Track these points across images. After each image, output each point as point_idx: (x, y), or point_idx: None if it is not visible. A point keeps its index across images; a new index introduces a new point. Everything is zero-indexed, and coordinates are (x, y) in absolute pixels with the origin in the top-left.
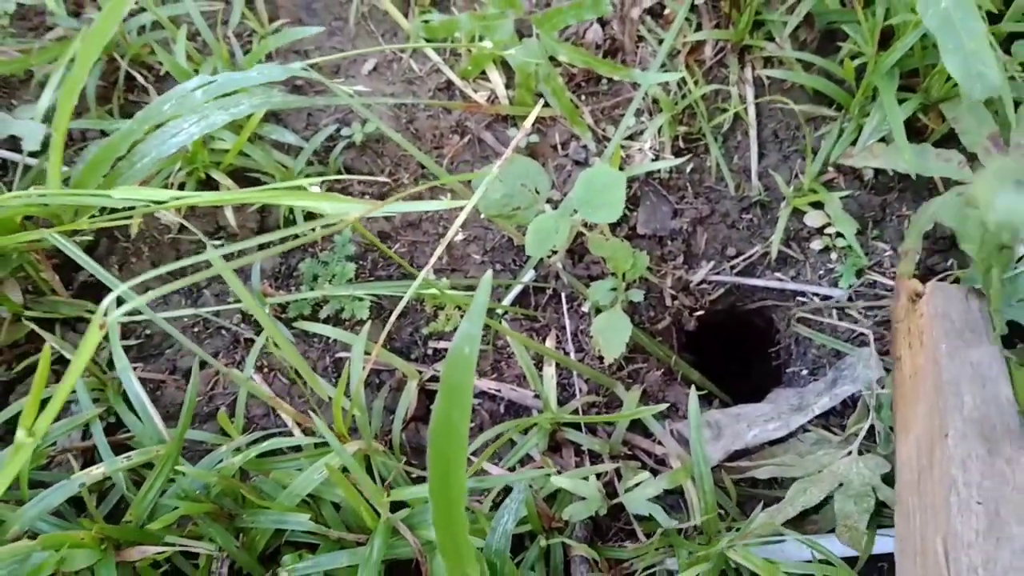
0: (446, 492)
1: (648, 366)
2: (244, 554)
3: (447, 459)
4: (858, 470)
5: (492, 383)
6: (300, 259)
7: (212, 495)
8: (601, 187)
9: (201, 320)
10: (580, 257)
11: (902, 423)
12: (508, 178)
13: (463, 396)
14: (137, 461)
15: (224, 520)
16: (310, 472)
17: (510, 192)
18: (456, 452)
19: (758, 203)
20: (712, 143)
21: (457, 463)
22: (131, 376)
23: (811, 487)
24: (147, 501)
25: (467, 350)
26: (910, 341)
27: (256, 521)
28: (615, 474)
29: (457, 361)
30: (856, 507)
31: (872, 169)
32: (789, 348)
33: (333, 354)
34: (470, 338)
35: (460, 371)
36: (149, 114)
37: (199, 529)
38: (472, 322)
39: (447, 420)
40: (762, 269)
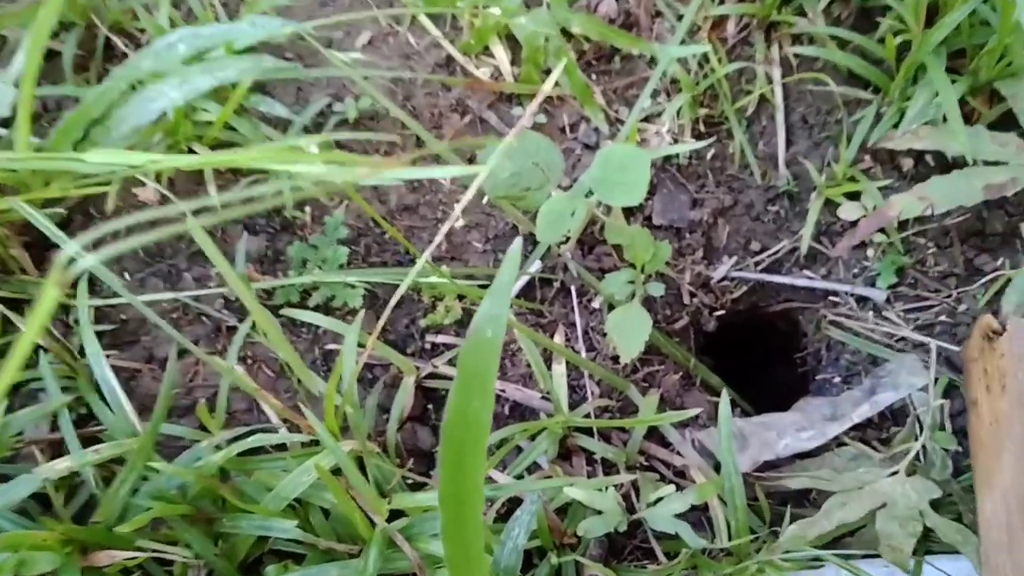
0: (460, 499)
1: (665, 369)
2: (223, 562)
3: (463, 460)
4: (904, 492)
5: (496, 382)
6: (288, 242)
7: (189, 496)
8: (621, 166)
9: (181, 305)
10: (590, 248)
11: (983, 475)
12: (517, 156)
13: (485, 386)
14: (106, 456)
15: (202, 524)
16: (298, 474)
17: (519, 171)
18: (474, 453)
19: (786, 193)
20: (736, 127)
21: (475, 465)
22: (103, 362)
23: (850, 502)
24: (117, 500)
25: (490, 332)
26: (988, 384)
27: (237, 526)
28: (632, 486)
29: (478, 345)
30: (901, 529)
31: (911, 159)
32: (819, 353)
33: (322, 346)
34: (494, 319)
35: (482, 357)
36: (127, 71)
37: (174, 533)
38: (496, 300)
39: (465, 414)
40: (789, 266)
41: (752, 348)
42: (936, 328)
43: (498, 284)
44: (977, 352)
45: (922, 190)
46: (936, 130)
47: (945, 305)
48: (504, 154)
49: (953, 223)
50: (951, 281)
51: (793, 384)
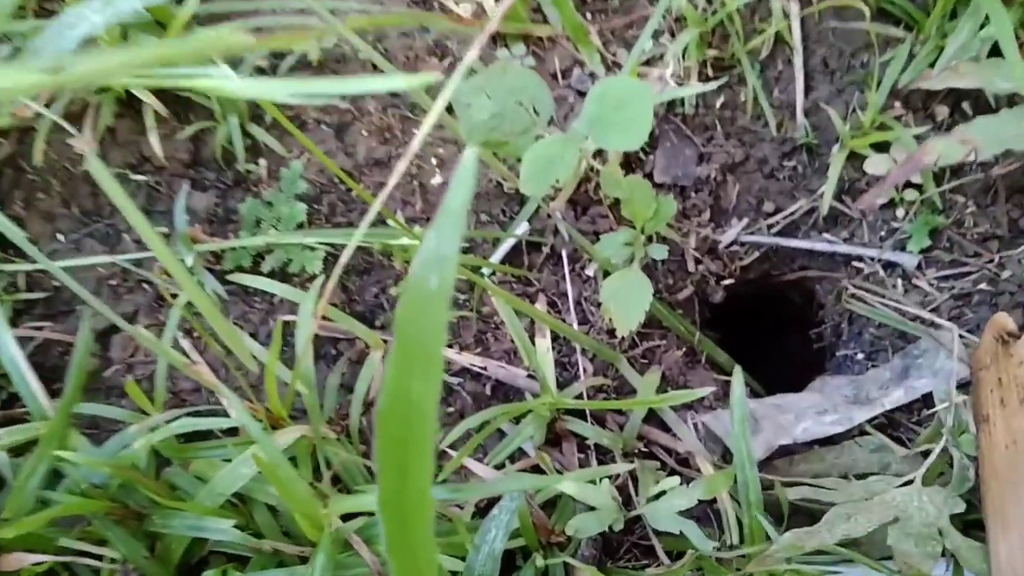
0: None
1: (666, 345)
2: (155, 566)
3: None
4: (920, 505)
5: (476, 358)
6: (241, 199)
7: (112, 490)
8: (620, 103)
9: (120, 271)
10: (584, 209)
11: (997, 509)
12: (498, 93)
13: (430, 357)
14: (10, 441)
15: (131, 522)
16: (237, 465)
17: (500, 111)
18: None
19: (804, 147)
20: (748, 70)
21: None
22: (4, 333)
23: (857, 515)
24: (27, 494)
25: (434, 281)
26: (1003, 396)
27: (168, 525)
28: (629, 477)
29: (420, 301)
30: (918, 548)
31: (947, 107)
32: (839, 327)
33: (278, 317)
34: (439, 260)
35: (425, 317)
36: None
37: (98, 531)
38: (444, 233)
39: (405, 396)
40: (807, 229)
41: (763, 322)
42: (974, 298)
43: (446, 209)
44: (989, 358)
45: (964, 132)
46: (980, 66)
47: (986, 271)
48: (482, 90)
49: (997, 175)
50: (993, 244)
51: (809, 362)
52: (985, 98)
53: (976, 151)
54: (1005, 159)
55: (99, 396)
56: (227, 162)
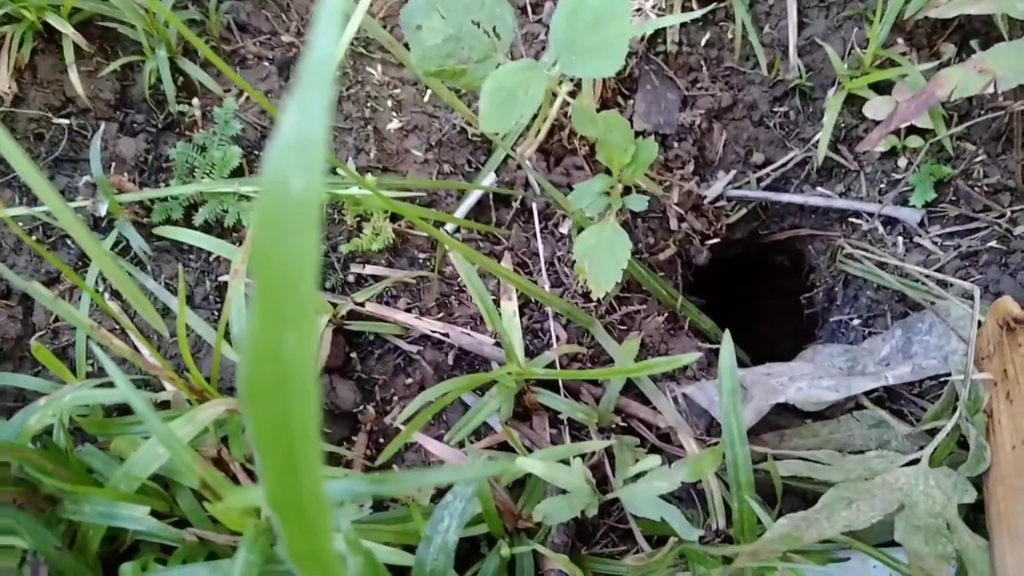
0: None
1: (647, 310)
2: (70, 558)
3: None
4: (926, 489)
5: (437, 324)
6: (173, 144)
7: (14, 470)
8: (593, 19)
9: (40, 224)
10: (557, 160)
11: (1003, 519)
12: (453, 13)
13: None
14: None
15: (42, 506)
16: (155, 443)
17: (456, 35)
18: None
19: (797, 89)
20: (737, 3)
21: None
22: None
23: (859, 500)
24: None
25: (298, 181)
26: (1009, 391)
27: (79, 512)
28: (605, 454)
29: (278, 211)
30: (930, 549)
31: (954, 45)
32: (832, 291)
33: (216, 277)
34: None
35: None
36: None
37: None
38: (308, 106)
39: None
40: (799, 182)
41: (751, 286)
42: (983, 257)
43: (310, 70)
44: (992, 348)
45: (982, 60)
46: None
47: (996, 228)
48: (434, 8)
49: (1016, 112)
50: (1004, 197)
51: (799, 329)
52: (995, 36)
53: (996, 82)
54: (1020, 99)
55: (25, 366)
56: (157, 103)
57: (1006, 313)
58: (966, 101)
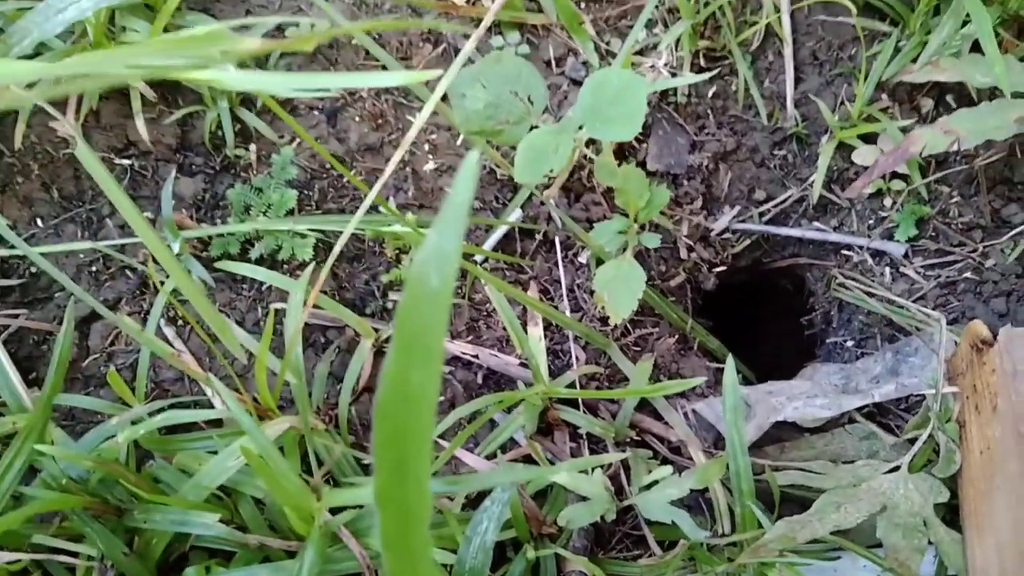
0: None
1: (659, 332)
2: (136, 562)
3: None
4: (906, 492)
5: (468, 346)
6: (229, 185)
7: (92, 484)
8: (614, 94)
9: (101, 257)
10: (577, 196)
11: (973, 515)
12: (493, 83)
13: (430, 350)
14: None
15: (110, 517)
16: (224, 457)
17: (495, 101)
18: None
19: (794, 136)
20: (740, 62)
21: (418, 455)
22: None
23: (847, 504)
24: (2, 490)
25: (436, 280)
26: (977, 403)
27: (150, 520)
28: (621, 466)
29: (421, 297)
30: (906, 542)
31: (931, 99)
32: (828, 315)
33: (267, 305)
34: (441, 258)
35: (426, 312)
36: None
37: (75, 527)
38: (446, 232)
39: (404, 388)
40: (797, 217)
41: (755, 309)
42: (960, 286)
43: (449, 209)
44: (965, 366)
45: (947, 123)
46: (959, 61)
47: (970, 260)
48: (477, 80)
49: (980, 166)
50: (976, 234)
51: (800, 350)
52: (967, 92)
53: (959, 141)
54: (987, 150)
55: (78, 386)
56: (215, 147)
57: (976, 336)
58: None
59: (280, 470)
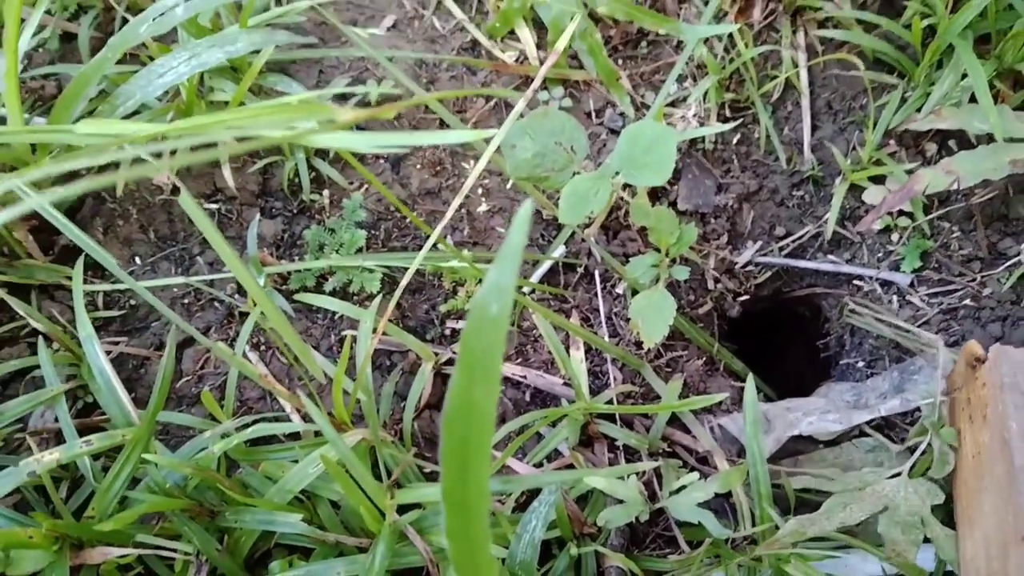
0: (464, 496)
1: (688, 355)
2: (226, 558)
3: (467, 453)
4: (906, 495)
5: (517, 368)
6: (305, 226)
7: (189, 489)
8: (648, 144)
9: (192, 291)
10: (615, 233)
11: (965, 512)
12: (540, 135)
13: (490, 372)
14: (99, 447)
15: (204, 518)
16: (304, 465)
17: (542, 151)
18: (479, 445)
19: (810, 178)
20: (761, 112)
21: (479, 459)
22: (95, 347)
23: (852, 504)
24: (112, 494)
25: (495, 308)
26: (971, 413)
27: (240, 520)
28: (654, 474)
29: (483, 323)
30: (904, 536)
31: (935, 144)
32: (842, 338)
33: (339, 332)
34: (499, 291)
35: (487, 337)
36: (124, 38)
37: (174, 527)
38: (504, 269)
39: (468, 402)
40: (813, 251)
41: (775, 334)
42: (960, 312)
43: (506, 250)
44: (961, 380)
45: (948, 164)
46: (959, 111)
47: (969, 289)
48: (526, 132)
49: (977, 204)
50: (975, 265)
51: (816, 370)
52: (968, 137)
53: (959, 180)
54: (984, 189)
55: (171, 405)
56: (293, 192)
57: (972, 355)
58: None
59: (358, 472)
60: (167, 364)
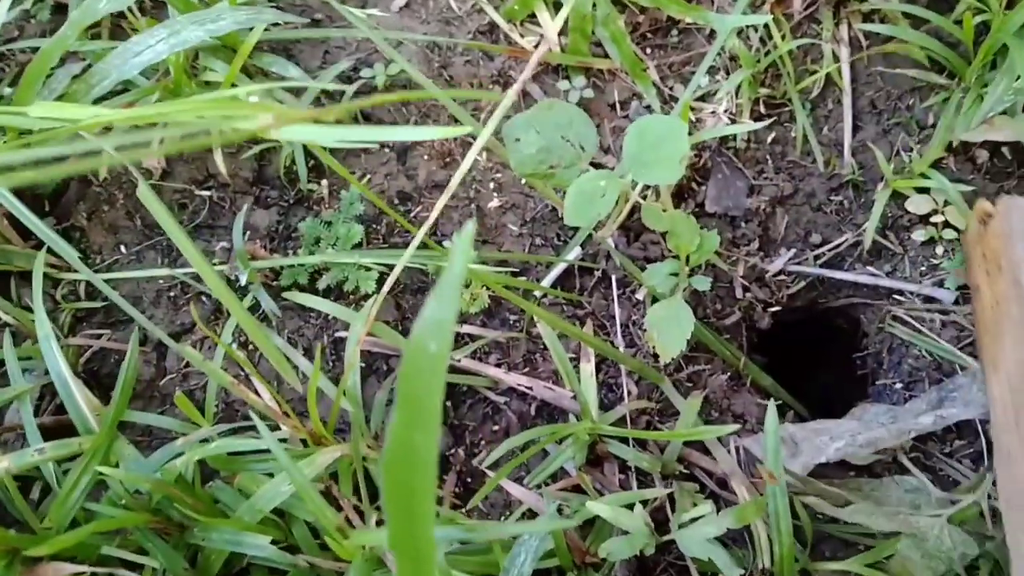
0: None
1: (712, 368)
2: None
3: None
4: (939, 534)
5: (523, 378)
6: (302, 217)
7: (153, 502)
8: (656, 140)
9: (179, 283)
10: (636, 235)
11: (989, 359)
12: (546, 128)
13: (428, 415)
14: (54, 455)
15: (173, 533)
16: (278, 482)
17: (548, 146)
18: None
19: (850, 183)
20: (799, 109)
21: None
22: (53, 347)
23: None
24: (69, 505)
25: (434, 346)
26: (987, 268)
27: (208, 539)
28: (667, 499)
29: (419, 362)
30: (923, 560)
31: (987, 151)
32: (879, 356)
33: (332, 333)
34: (438, 326)
35: (424, 377)
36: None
37: (138, 540)
38: (442, 302)
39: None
40: (852, 261)
41: (808, 348)
42: None
43: (445, 282)
44: (976, 237)
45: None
46: (1013, 120)
47: None
48: (531, 125)
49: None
50: None
51: (851, 388)
52: (1022, 144)
53: None
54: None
55: (154, 404)
56: (290, 181)
57: (983, 211)
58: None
59: (316, 505)
60: (129, 368)
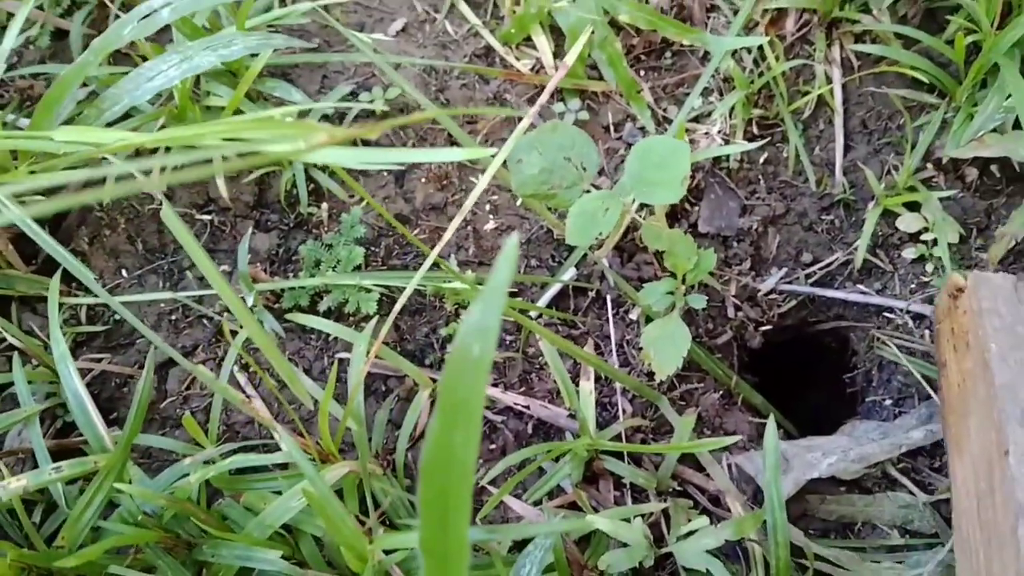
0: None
1: (704, 387)
2: None
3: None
4: None
5: (520, 397)
6: (302, 240)
7: (165, 520)
8: (659, 160)
9: (180, 307)
10: (630, 256)
11: (954, 440)
12: (548, 150)
13: (470, 418)
14: (70, 473)
15: (181, 551)
16: (287, 498)
17: (550, 167)
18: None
19: (841, 202)
20: (791, 129)
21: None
22: (69, 367)
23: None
24: (82, 524)
25: (477, 350)
26: (955, 343)
27: (217, 555)
28: (662, 515)
29: (463, 366)
30: None
31: (976, 170)
32: (869, 373)
33: (333, 354)
34: (482, 333)
35: (467, 381)
36: (107, 40)
37: (149, 558)
38: (487, 309)
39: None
40: (842, 280)
41: (798, 367)
42: None
43: (490, 288)
44: (945, 312)
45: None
46: (1003, 137)
47: None
48: (533, 147)
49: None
50: None
51: (839, 407)
52: (1011, 162)
53: None
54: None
55: (154, 427)
56: (290, 205)
57: (954, 285)
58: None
59: (336, 514)
60: (144, 388)
